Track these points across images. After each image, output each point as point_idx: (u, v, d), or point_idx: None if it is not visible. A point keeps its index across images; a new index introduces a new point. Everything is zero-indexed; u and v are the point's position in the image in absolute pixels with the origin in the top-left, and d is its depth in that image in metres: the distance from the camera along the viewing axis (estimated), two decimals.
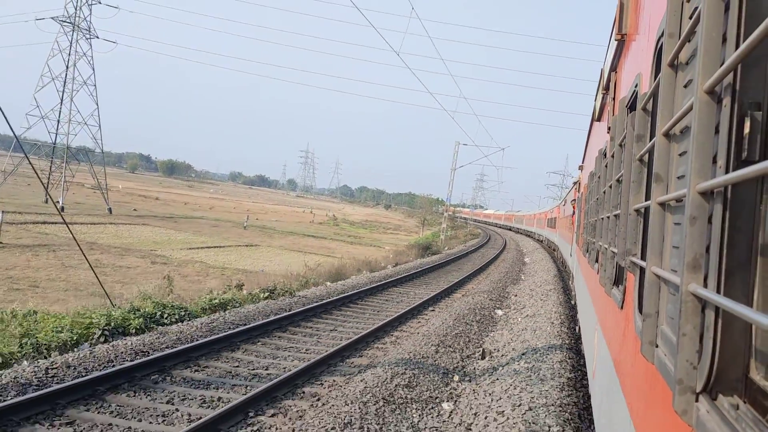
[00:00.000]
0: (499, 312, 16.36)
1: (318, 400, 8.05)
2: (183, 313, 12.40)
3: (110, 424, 6.76)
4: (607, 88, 5.76)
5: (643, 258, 2.75)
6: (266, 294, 15.79)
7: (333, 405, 7.58)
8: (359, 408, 7.46)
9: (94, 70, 52.69)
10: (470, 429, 7.46)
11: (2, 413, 6.49)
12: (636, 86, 3.29)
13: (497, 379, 9.54)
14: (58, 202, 47.88)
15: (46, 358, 8.97)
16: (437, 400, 8.51)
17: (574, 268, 15.89)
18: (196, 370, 9.11)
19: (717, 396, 1.35)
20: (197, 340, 10.51)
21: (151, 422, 6.97)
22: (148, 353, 9.46)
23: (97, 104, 52.67)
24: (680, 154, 1.97)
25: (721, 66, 1.34)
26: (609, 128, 5.02)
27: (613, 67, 5.22)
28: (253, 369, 9.43)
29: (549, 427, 7.25)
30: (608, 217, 4.78)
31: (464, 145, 49.08)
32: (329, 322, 13.56)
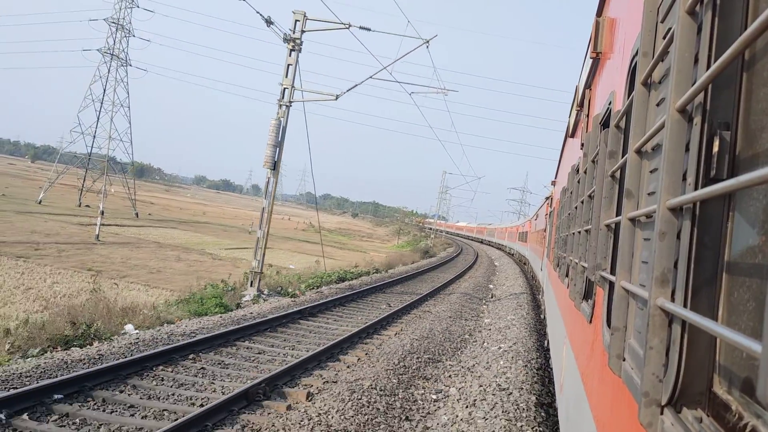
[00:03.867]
0: (491, 285, 28.55)
1: (441, 300, 20.38)
2: (352, 275, 24.03)
3: (384, 296, 20.30)
4: (581, 105, 5.82)
5: (612, 273, 2.77)
6: (374, 271, 27.54)
7: (446, 300, 20.37)
8: (456, 303, 19.72)
9: (128, 93, 57.88)
10: (498, 311, 19.17)
11: (341, 299, 17.75)
12: (609, 104, 3.32)
13: (502, 303, 21.72)
14: (99, 207, 49.48)
15: (340, 282, 21.78)
16: (481, 305, 20.85)
17: (544, 282, 16.06)
18: (391, 290, 21.89)
19: (681, 409, 1.37)
20: (384, 281, 23.37)
21: (395, 297, 20.33)
22: (374, 284, 22.02)
23: (130, 123, 58.00)
24: (651, 171, 1.99)
25: (692, 86, 1.37)
26: (582, 144, 5.07)
27: (588, 85, 5.27)
28: (415, 289, 22.87)
29: (525, 309, 19.66)
30: (579, 232, 4.81)
31: (450, 174, 54.47)
32: (418, 282, 25.96)
